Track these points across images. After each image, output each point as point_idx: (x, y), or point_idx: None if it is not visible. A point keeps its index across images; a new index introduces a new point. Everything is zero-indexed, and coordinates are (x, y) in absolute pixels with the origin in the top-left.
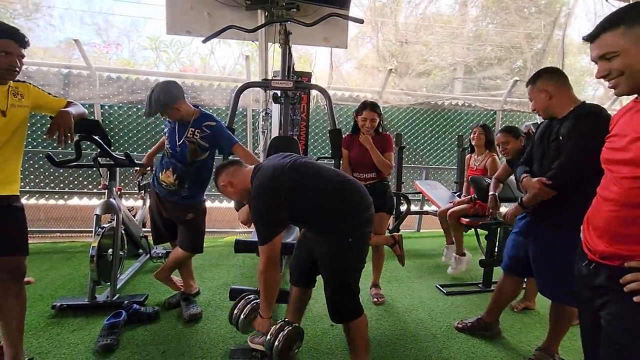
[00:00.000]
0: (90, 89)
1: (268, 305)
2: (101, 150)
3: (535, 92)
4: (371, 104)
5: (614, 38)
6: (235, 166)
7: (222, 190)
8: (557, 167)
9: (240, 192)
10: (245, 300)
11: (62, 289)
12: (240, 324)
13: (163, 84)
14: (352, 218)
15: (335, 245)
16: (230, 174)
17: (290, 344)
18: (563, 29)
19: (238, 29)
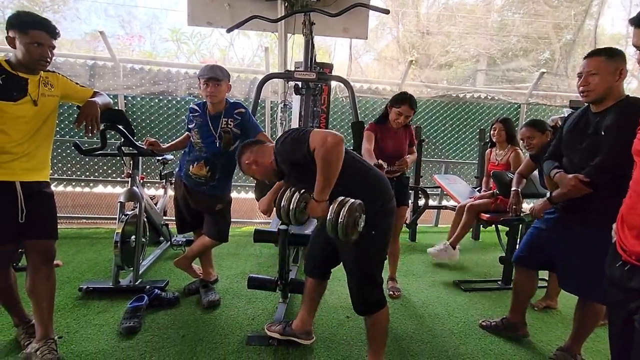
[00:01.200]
0: (115, 80)
1: (327, 184)
2: (125, 140)
3: (607, 68)
4: (411, 99)
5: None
6: (258, 144)
7: (245, 169)
8: (598, 164)
9: (264, 169)
10: (291, 190)
11: (87, 272)
12: (292, 215)
13: (216, 65)
14: (376, 208)
15: (358, 238)
16: (255, 152)
17: (355, 218)
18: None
19: (262, 18)
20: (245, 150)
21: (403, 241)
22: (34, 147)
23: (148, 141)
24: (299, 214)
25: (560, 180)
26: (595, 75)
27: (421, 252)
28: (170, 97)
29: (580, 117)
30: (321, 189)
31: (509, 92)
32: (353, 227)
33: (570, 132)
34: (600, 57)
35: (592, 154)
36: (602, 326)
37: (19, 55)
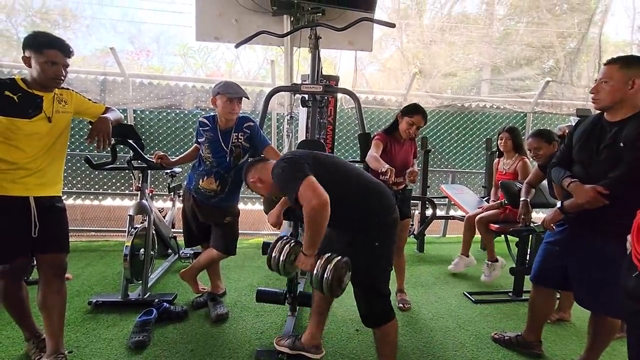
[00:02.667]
0: (124, 94)
1: (314, 241)
2: (135, 154)
3: (620, 76)
4: (424, 111)
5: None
6: (262, 162)
7: (252, 187)
8: (618, 176)
9: (270, 186)
10: (283, 241)
11: (97, 285)
12: (281, 267)
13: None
14: (379, 220)
15: (362, 250)
16: (259, 170)
17: (340, 275)
18: (599, 27)
19: (269, 34)
20: (250, 169)
21: (411, 252)
22: (47, 163)
23: (157, 155)
24: (288, 265)
25: (575, 190)
26: (606, 84)
27: (429, 263)
28: (178, 111)
29: (594, 125)
30: (308, 245)
31: (514, 100)
32: (337, 285)
33: (585, 140)
34: (614, 65)
35: (611, 165)
36: (619, 339)
37: (34, 74)
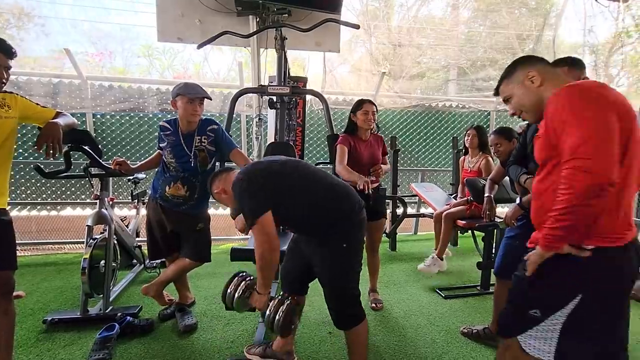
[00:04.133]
0: (82, 99)
1: (266, 282)
2: (92, 160)
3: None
4: (368, 99)
5: (503, 89)
6: (226, 172)
7: (217, 198)
8: None
9: (233, 198)
10: (239, 278)
11: (53, 302)
12: (235, 303)
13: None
14: (346, 222)
15: (330, 253)
16: (223, 181)
17: (291, 318)
18: (554, 29)
19: (233, 34)
20: (215, 179)
21: (383, 251)
22: None
23: (116, 161)
24: (242, 302)
25: (531, 186)
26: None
27: (402, 262)
28: (142, 114)
29: None
30: (261, 285)
31: (479, 100)
32: (287, 327)
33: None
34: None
35: None
36: None
37: None
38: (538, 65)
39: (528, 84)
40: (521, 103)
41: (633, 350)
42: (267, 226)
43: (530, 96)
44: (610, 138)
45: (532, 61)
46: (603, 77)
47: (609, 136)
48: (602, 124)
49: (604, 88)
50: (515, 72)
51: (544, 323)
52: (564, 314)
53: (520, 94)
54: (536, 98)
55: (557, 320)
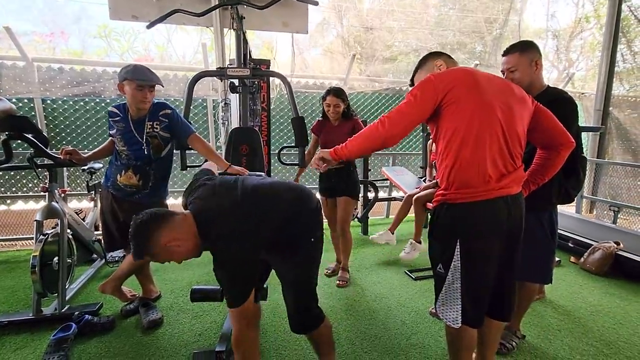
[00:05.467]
0: (28, 82)
1: None
2: (36, 150)
3: (524, 61)
4: (335, 90)
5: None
6: (173, 218)
7: (162, 253)
8: (530, 151)
9: (190, 250)
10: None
11: (4, 304)
12: None
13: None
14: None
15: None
16: (173, 228)
17: None
18: (519, 14)
19: (185, 12)
20: (157, 227)
21: (355, 235)
22: None
23: (64, 150)
24: None
25: None
26: (514, 72)
27: (373, 246)
28: (99, 99)
29: None
30: None
31: None
32: None
33: None
34: (515, 53)
35: None
36: (538, 300)
37: None
38: (443, 57)
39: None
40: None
41: (588, 321)
42: (248, 308)
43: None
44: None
45: (439, 54)
46: (564, 61)
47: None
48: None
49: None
50: (427, 62)
51: None
52: None
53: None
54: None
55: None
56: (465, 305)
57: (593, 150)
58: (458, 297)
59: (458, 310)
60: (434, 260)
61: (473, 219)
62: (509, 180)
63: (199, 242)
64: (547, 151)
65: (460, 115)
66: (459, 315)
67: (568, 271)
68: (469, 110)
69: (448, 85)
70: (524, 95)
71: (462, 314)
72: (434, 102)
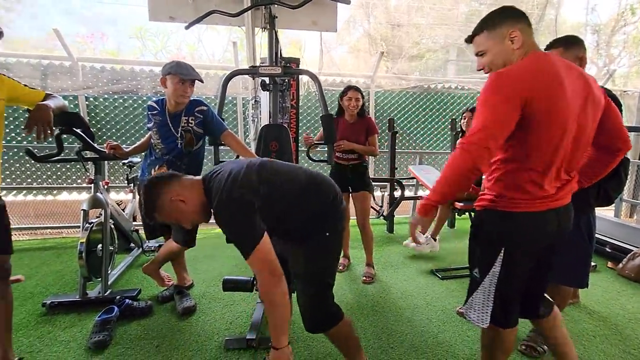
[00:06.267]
0: (73, 81)
1: (282, 332)
2: (84, 144)
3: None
4: (355, 86)
5: (480, 40)
6: (182, 178)
7: (168, 209)
8: None
9: (196, 207)
10: None
11: (53, 286)
12: None
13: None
14: (327, 214)
15: (313, 244)
16: (180, 185)
17: None
18: (556, 8)
19: (221, 13)
20: (167, 183)
21: (381, 233)
22: None
23: (109, 144)
24: None
25: None
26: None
27: (399, 244)
28: (136, 97)
29: None
30: (276, 336)
31: (479, 81)
32: None
33: None
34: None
35: None
36: (572, 304)
37: None
38: (521, 24)
39: (508, 44)
40: (494, 62)
41: (625, 328)
42: (267, 254)
43: (504, 56)
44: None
45: (517, 17)
46: (604, 58)
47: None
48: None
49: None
50: (499, 27)
51: None
52: None
53: (496, 51)
54: (509, 60)
55: None
56: (495, 308)
57: (635, 151)
58: (490, 299)
59: (488, 312)
60: (471, 264)
61: (523, 230)
62: (565, 191)
63: (204, 201)
64: (601, 153)
65: (538, 127)
66: (487, 316)
67: (605, 277)
68: (547, 122)
69: (529, 93)
70: (600, 93)
71: (492, 316)
72: (517, 114)
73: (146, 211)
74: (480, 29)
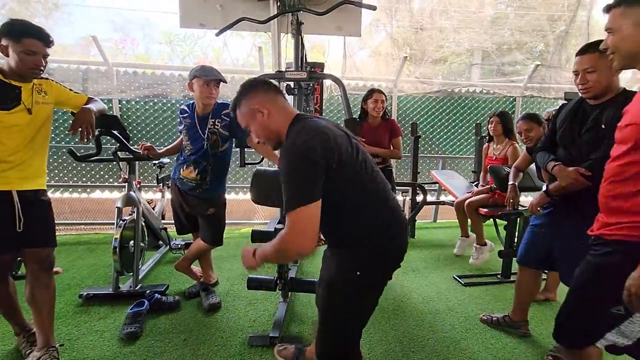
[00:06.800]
0: (108, 84)
1: (268, 260)
2: (120, 145)
3: (603, 63)
4: (377, 89)
5: (614, 16)
6: (279, 98)
7: (246, 112)
8: (600, 158)
9: (269, 130)
10: None
11: (87, 279)
12: None
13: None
14: (379, 243)
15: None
16: (273, 103)
17: None
18: (588, 9)
19: (250, 20)
20: (255, 93)
21: None
22: (29, 156)
23: (143, 146)
24: None
25: (559, 173)
26: (592, 73)
27: (420, 248)
28: (165, 100)
29: (576, 109)
30: (262, 257)
31: (504, 85)
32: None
33: (568, 124)
34: (594, 53)
35: (593, 147)
36: None
37: (12, 64)
38: None
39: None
40: (619, 46)
41: None
42: (311, 219)
43: (632, 45)
44: None
45: None
46: None
47: None
48: None
49: None
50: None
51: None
52: None
53: (628, 34)
54: (636, 51)
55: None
56: None
57: None
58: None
59: None
60: (607, 301)
61: None
62: None
63: (281, 133)
64: None
65: None
66: None
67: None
68: None
69: None
70: None
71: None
72: None
73: (232, 105)
74: (618, 1)
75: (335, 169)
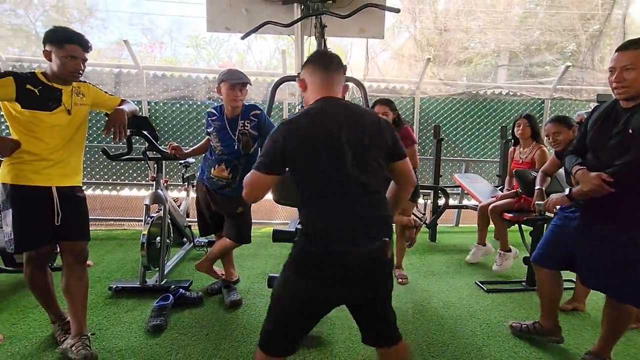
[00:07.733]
0: (138, 87)
1: None
2: (149, 145)
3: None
4: (382, 99)
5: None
6: (331, 74)
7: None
8: (626, 164)
9: (306, 102)
10: None
11: (117, 272)
12: None
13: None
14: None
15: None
16: (311, 77)
17: None
18: (624, 7)
19: (274, 24)
20: (309, 66)
21: (423, 241)
22: (68, 154)
23: (171, 146)
24: None
25: (581, 178)
26: (631, 70)
27: (442, 252)
28: (191, 102)
29: (609, 112)
30: None
31: (532, 87)
32: None
33: (598, 127)
34: (637, 50)
35: (620, 152)
36: (634, 329)
37: (55, 68)
38: None
39: None
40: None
41: None
42: (256, 185)
43: None
44: None
45: None
46: None
47: None
48: None
49: None
50: None
51: None
52: None
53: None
54: None
55: None
56: None
57: None
58: None
59: None
60: None
61: None
62: None
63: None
64: None
65: None
66: None
67: None
68: None
69: None
70: None
71: None
72: None
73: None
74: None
75: (291, 156)
